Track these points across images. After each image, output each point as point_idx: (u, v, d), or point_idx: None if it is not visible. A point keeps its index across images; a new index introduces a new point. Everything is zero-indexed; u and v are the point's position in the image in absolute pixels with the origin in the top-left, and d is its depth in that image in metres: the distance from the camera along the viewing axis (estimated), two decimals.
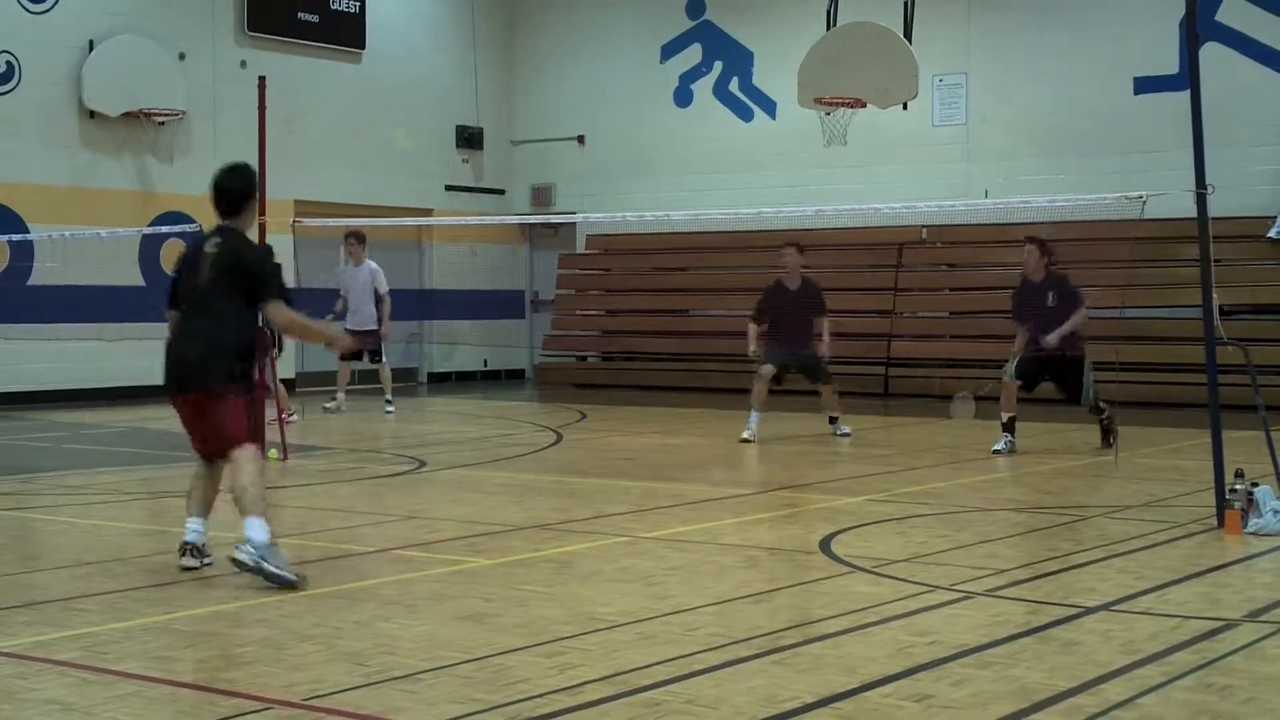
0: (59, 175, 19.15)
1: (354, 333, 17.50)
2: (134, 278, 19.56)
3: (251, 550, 6.93)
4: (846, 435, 14.38)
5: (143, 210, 19.68)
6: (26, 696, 5.08)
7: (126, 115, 19.58)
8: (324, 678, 5.27)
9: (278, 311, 7.37)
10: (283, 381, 13.95)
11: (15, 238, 17.94)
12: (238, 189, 7.65)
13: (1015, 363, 12.93)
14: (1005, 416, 12.77)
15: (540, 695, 5.02)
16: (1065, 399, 12.96)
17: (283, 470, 11.92)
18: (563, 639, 5.84)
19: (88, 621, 6.26)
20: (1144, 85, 19.57)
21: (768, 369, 14.19)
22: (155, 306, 18.15)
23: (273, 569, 6.89)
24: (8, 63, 18.74)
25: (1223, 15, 18.93)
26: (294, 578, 6.89)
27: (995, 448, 12.67)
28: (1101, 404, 12.74)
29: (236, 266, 7.35)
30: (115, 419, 16.84)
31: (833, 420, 14.62)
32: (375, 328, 17.45)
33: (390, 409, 17.37)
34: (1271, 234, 18.52)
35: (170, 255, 19.82)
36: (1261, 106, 18.82)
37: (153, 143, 19.98)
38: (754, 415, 14.04)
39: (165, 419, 16.27)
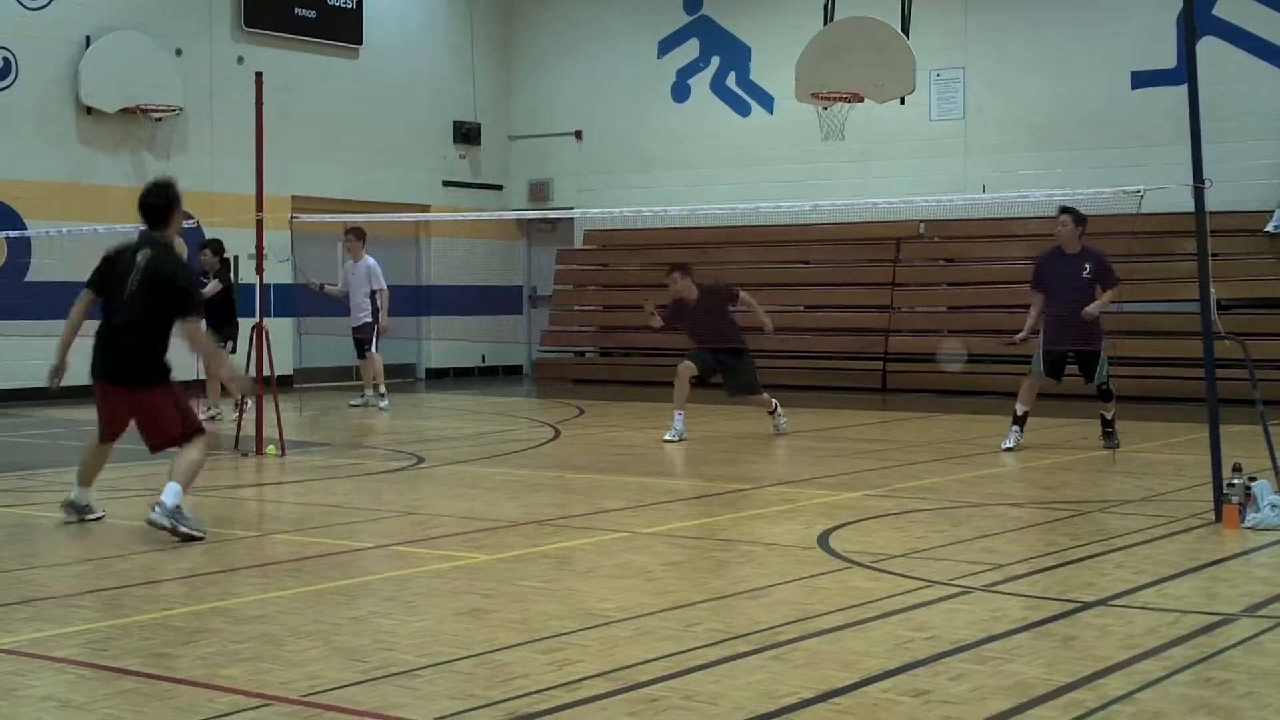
0: (56, 171, 19.13)
1: (353, 328, 17.57)
2: None
3: (164, 510, 8.03)
4: (783, 427, 14.24)
5: None
6: (25, 693, 5.08)
7: (123, 111, 19.56)
8: (322, 674, 5.27)
9: (195, 330, 8.48)
10: (280, 378, 13.92)
11: (12, 234, 17.93)
12: (159, 203, 8.63)
13: (1041, 358, 12.69)
14: (1020, 410, 12.58)
15: (538, 691, 5.02)
16: (1081, 376, 12.76)
17: (281, 466, 11.92)
18: (561, 635, 5.84)
19: (85, 618, 6.26)
20: (1141, 79, 19.57)
21: (686, 365, 14.21)
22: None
23: (184, 528, 8.05)
24: (4, 59, 18.72)
25: (1220, 9, 18.92)
26: (201, 533, 8.11)
27: (1006, 445, 12.53)
28: (1111, 389, 12.54)
29: (165, 284, 8.39)
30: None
31: (771, 412, 14.48)
32: (371, 321, 17.51)
33: (384, 403, 17.33)
34: (1269, 228, 18.53)
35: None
36: (1259, 101, 18.82)
37: (150, 139, 19.96)
38: (678, 415, 13.84)
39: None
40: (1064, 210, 12.80)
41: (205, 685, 5.14)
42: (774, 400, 14.36)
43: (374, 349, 17.71)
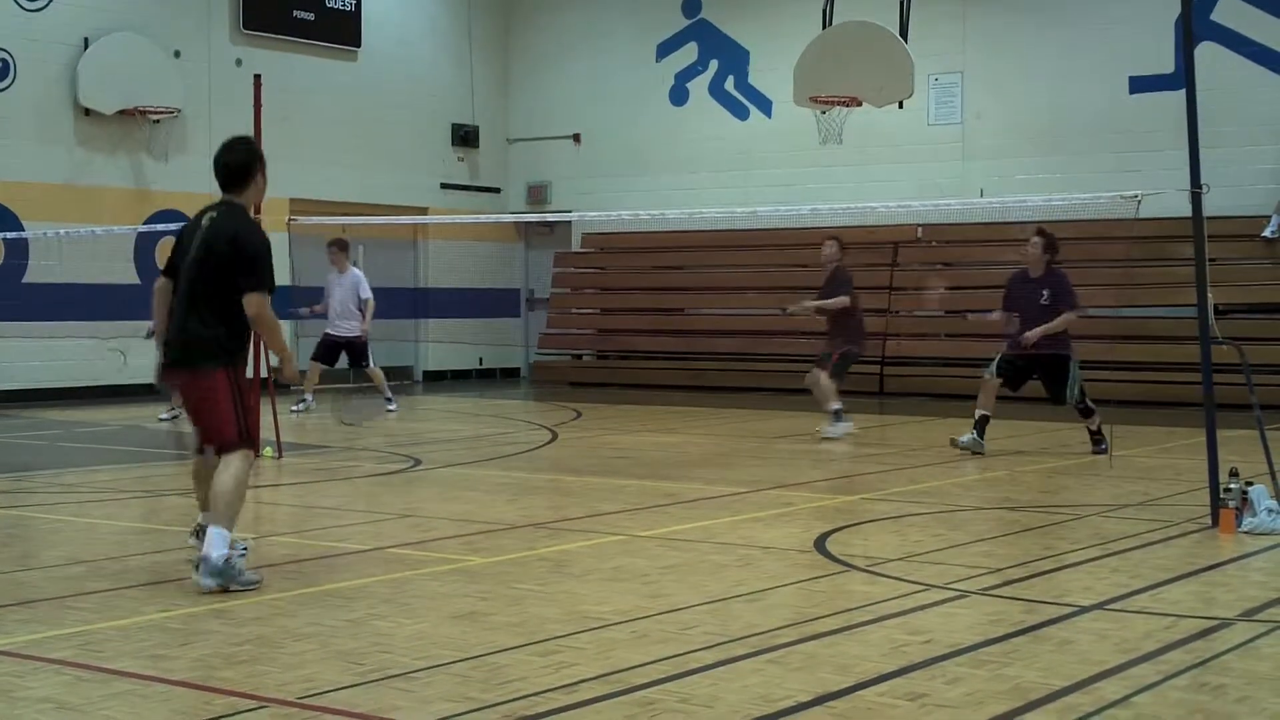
0: (54, 173, 19.13)
1: (335, 339, 17.41)
2: (129, 276, 19.54)
3: (212, 572, 6.69)
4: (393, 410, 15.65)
5: (138, 208, 19.66)
6: (21, 695, 5.07)
7: (122, 113, 19.57)
8: (318, 676, 5.27)
9: (259, 305, 7.03)
10: (276, 381, 13.90)
11: (10, 236, 17.92)
12: (238, 160, 7.49)
13: (997, 360, 12.88)
14: (979, 414, 12.75)
15: (535, 694, 5.01)
16: (1049, 398, 12.87)
17: (278, 468, 11.92)
18: (557, 638, 5.84)
19: (82, 620, 6.25)
20: (1139, 84, 19.59)
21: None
22: (150, 305, 17.96)
23: (238, 585, 6.75)
24: (3, 60, 18.72)
25: (1218, 14, 18.95)
26: (258, 579, 6.89)
27: (959, 440, 12.68)
28: (1090, 404, 12.61)
29: (226, 246, 7.08)
30: (110, 417, 16.82)
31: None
32: (358, 335, 17.32)
33: (392, 407, 17.29)
34: (1266, 233, 18.55)
35: (166, 253, 19.80)
36: (1257, 106, 18.84)
37: (148, 141, 19.96)
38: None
39: (153, 419, 16.34)
40: (1039, 232, 12.91)
41: (202, 687, 5.14)
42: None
43: (371, 362, 17.52)
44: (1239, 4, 18.93)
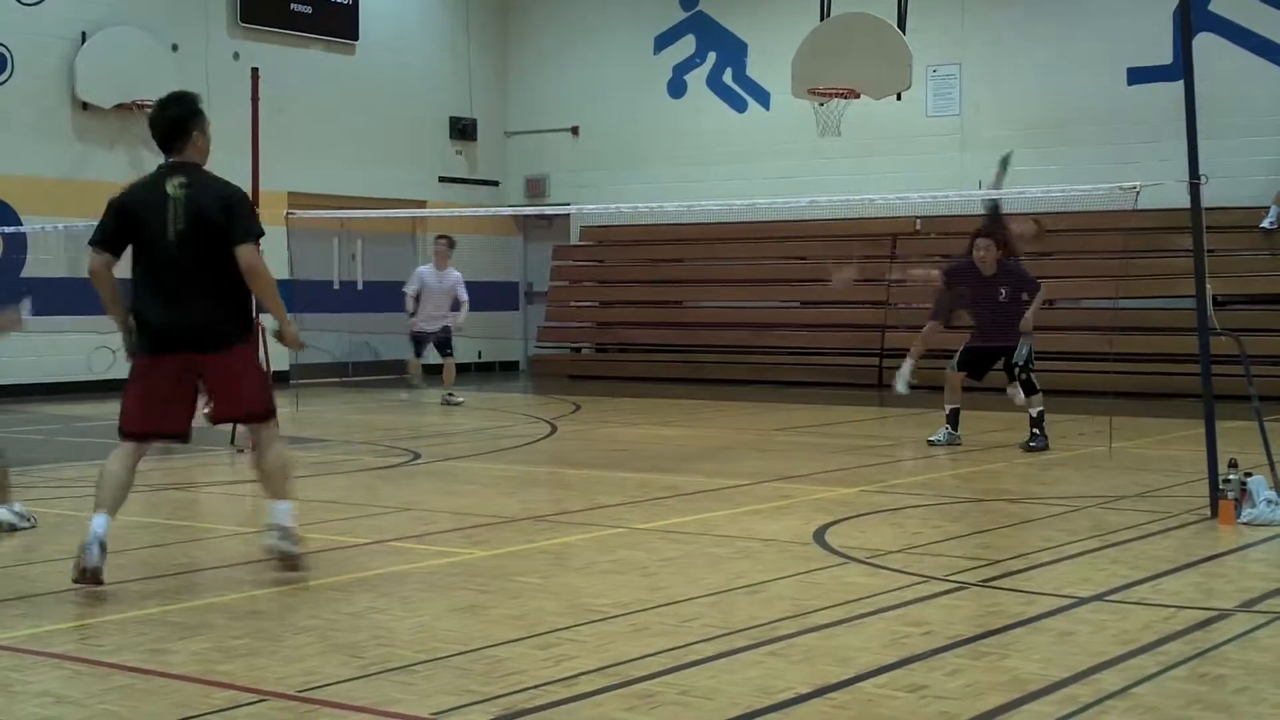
0: (52, 167, 19.12)
1: (425, 332, 17.58)
2: (127, 270, 19.51)
3: (285, 537, 6.84)
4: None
5: None
6: (20, 689, 5.07)
7: (119, 107, 19.56)
8: (318, 669, 5.27)
9: (250, 254, 6.72)
10: (276, 374, 13.90)
11: (8, 230, 17.92)
12: (174, 115, 7.21)
13: (959, 354, 12.91)
14: (948, 408, 12.79)
15: (535, 687, 5.02)
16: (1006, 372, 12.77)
17: None
18: (557, 630, 5.84)
19: (81, 614, 6.25)
20: (1138, 75, 19.59)
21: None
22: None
23: (298, 555, 6.91)
24: (0, 54, 18.70)
25: (1216, 5, 18.95)
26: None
27: (931, 438, 12.69)
28: (1034, 381, 12.46)
29: (222, 217, 6.75)
30: (109, 412, 16.75)
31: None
32: (448, 325, 17.57)
33: (458, 399, 17.46)
34: (1265, 224, 18.55)
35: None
36: (1255, 97, 18.84)
37: (145, 134, 19.85)
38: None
39: None
40: (985, 235, 12.79)
41: (201, 680, 5.14)
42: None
43: (452, 350, 17.92)
44: None
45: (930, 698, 4.89)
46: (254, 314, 7.18)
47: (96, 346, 18.53)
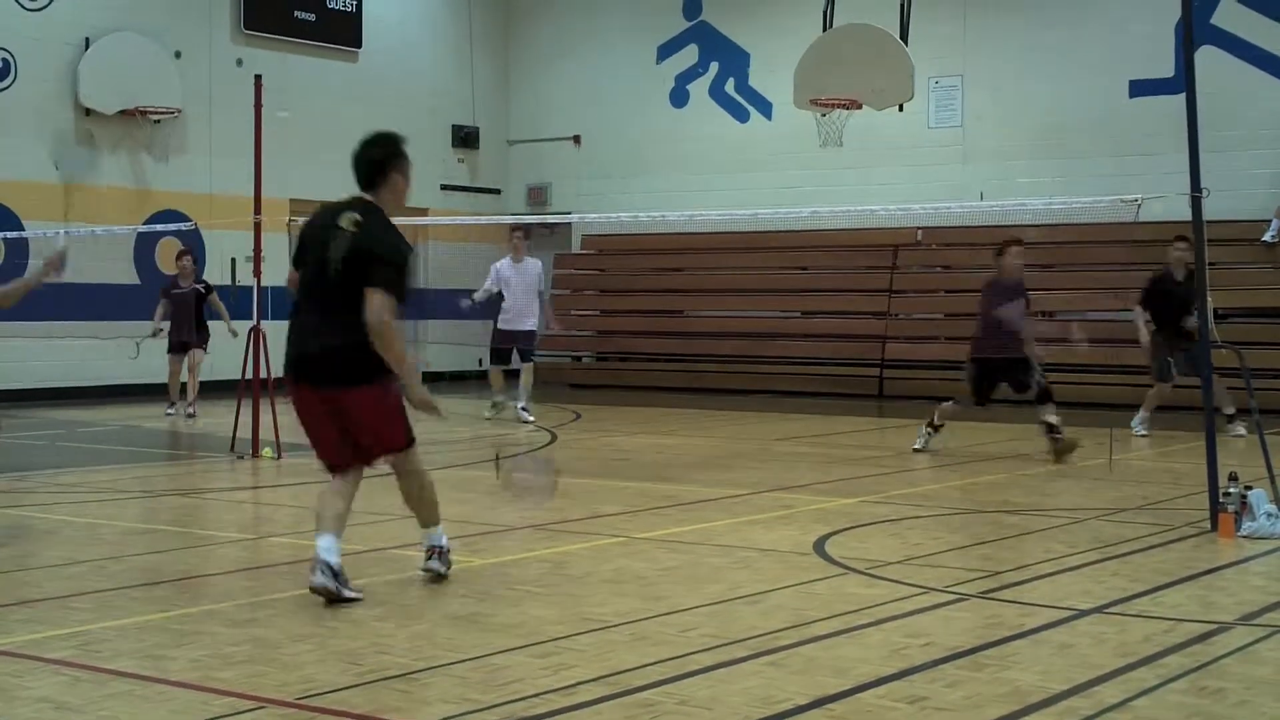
0: (54, 173, 19.13)
1: (509, 333, 16.36)
2: (129, 276, 19.56)
3: (434, 558, 7.03)
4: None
5: (138, 208, 19.67)
6: (19, 695, 5.07)
7: (122, 113, 19.58)
8: (317, 677, 5.27)
9: (378, 303, 6.42)
10: (276, 380, 13.89)
11: (10, 235, 17.93)
12: (373, 156, 6.91)
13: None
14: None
15: (534, 695, 5.01)
16: (1018, 393, 12.72)
17: (277, 469, 11.92)
18: (557, 639, 5.84)
19: (81, 620, 6.25)
20: (1139, 88, 19.60)
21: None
22: (149, 305, 18.07)
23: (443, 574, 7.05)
24: (4, 60, 18.73)
25: (1218, 18, 18.96)
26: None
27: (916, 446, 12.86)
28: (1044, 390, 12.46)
29: (370, 252, 6.53)
30: (110, 417, 16.83)
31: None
32: (533, 328, 16.34)
33: (530, 416, 16.30)
34: (1266, 237, 18.56)
35: (165, 253, 19.83)
36: (1257, 110, 18.86)
37: (148, 141, 19.97)
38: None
39: (157, 418, 16.35)
40: (1017, 241, 12.74)
41: (200, 688, 5.14)
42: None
43: (533, 358, 16.61)
44: (1239, 8, 18.95)
45: (930, 709, 4.89)
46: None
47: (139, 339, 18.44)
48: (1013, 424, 14.37)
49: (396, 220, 7.12)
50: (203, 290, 16.68)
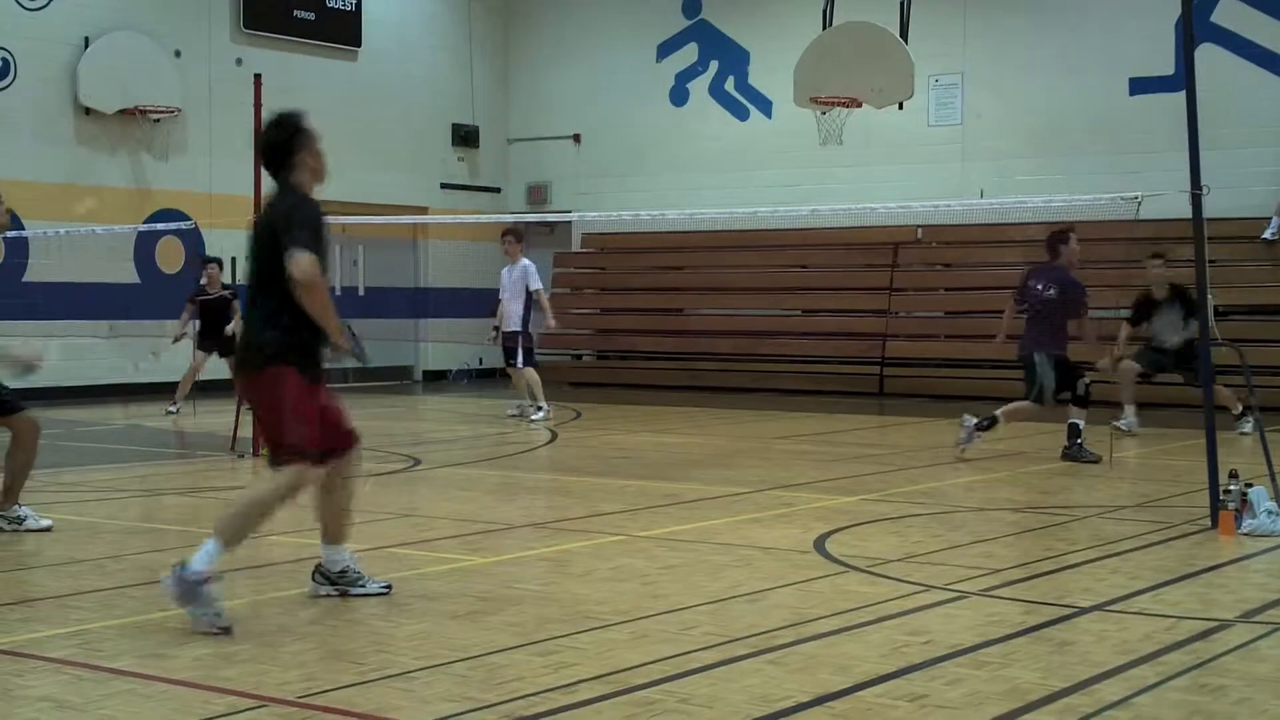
0: (54, 172, 19.13)
1: (504, 335, 16.14)
2: (129, 275, 19.56)
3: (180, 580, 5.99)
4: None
5: (138, 207, 19.67)
6: (20, 694, 5.07)
7: (122, 112, 19.58)
8: (318, 676, 5.27)
9: (297, 264, 6.13)
10: None
11: (10, 234, 17.88)
12: (277, 140, 6.67)
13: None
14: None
15: (535, 694, 5.02)
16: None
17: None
18: (557, 638, 5.84)
19: (82, 619, 6.25)
20: (1139, 86, 19.60)
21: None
22: (150, 305, 18.08)
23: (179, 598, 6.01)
24: (3, 59, 18.72)
25: (1218, 16, 18.95)
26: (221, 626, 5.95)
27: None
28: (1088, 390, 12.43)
29: (277, 224, 6.32)
30: (110, 416, 16.83)
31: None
32: (519, 329, 16.09)
33: (534, 415, 15.96)
34: (1266, 235, 18.55)
35: (166, 252, 19.83)
36: (1257, 108, 18.85)
37: (148, 140, 19.96)
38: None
39: (157, 417, 16.35)
40: (1070, 230, 12.67)
41: (202, 686, 5.14)
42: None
43: (520, 362, 16.12)
44: (1239, 6, 18.94)
45: (930, 707, 4.89)
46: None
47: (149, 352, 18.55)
48: (1011, 423, 14.36)
49: (401, 220, 7.06)
50: (230, 296, 16.80)
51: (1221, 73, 18.32)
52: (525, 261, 16.31)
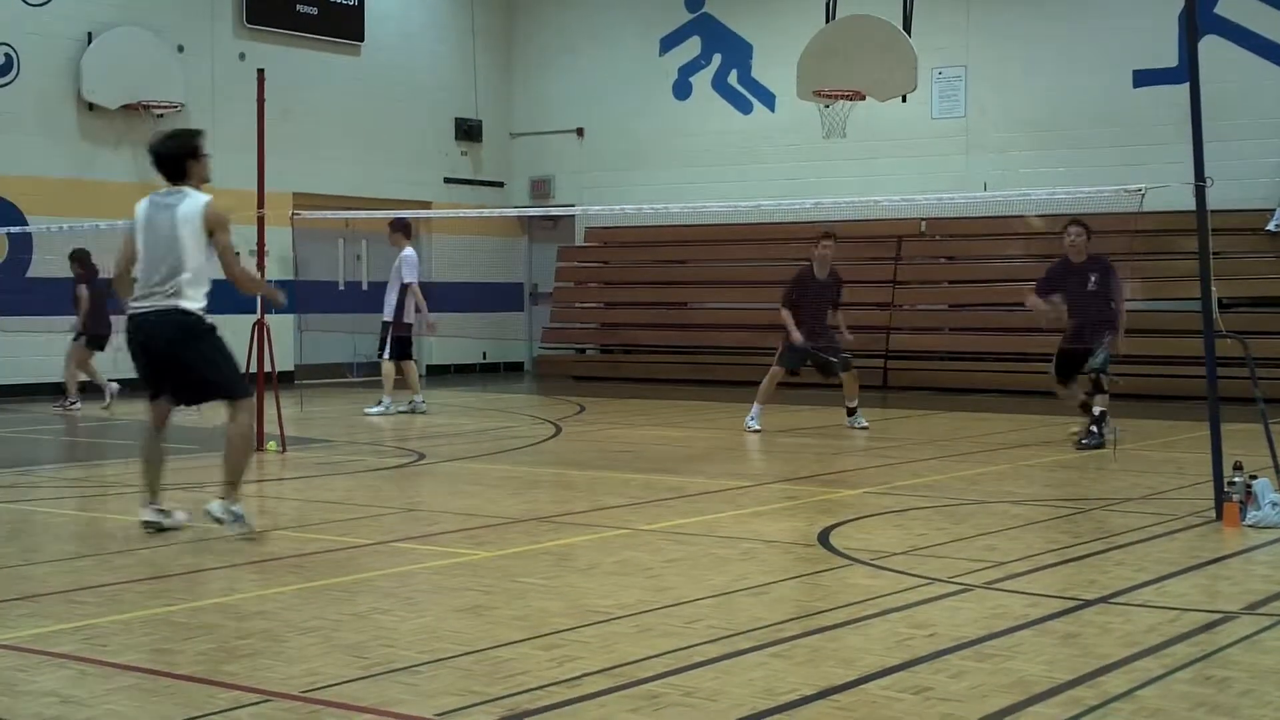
0: (57, 167, 19.14)
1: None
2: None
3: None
4: (864, 429, 14.16)
5: None
6: (25, 689, 5.08)
7: (125, 108, 19.58)
8: (322, 670, 5.27)
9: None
10: (280, 374, 13.91)
11: (14, 230, 17.94)
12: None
13: (1055, 361, 12.83)
14: (1097, 410, 12.62)
15: (539, 687, 5.02)
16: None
17: (281, 462, 11.93)
18: (561, 631, 5.84)
19: (86, 614, 6.25)
20: (1143, 78, 19.57)
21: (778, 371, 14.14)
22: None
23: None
24: (6, 55, 18.73)
25: (1222, 8, 18.93)
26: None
27: (1092, 439, 12.48)
28: (1101, 378, 12.49)
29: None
30: (114, 412, 16.83)
31: (851, 412, 14.36)
32: (388, 320, 16.18)
33: (371, 407, 16.11)
34: (1270, 227, 18.54)
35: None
36: (1260, 99, 18.82)
37: (151, 135, 19.92)
38: (757, 407, 14.00)
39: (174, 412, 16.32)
40: (1075, 222, 12.76)
41: (206, 681, 5.15)
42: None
43: (387, 354, 16.23)
44: None
45: (935, 700, 4.89)
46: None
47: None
48: (1015, 414, 14.37)
49: (407, 215, 7.74)
50: None
51: (1225, 65, 18.29)
52: (406, 251, 16.25)
